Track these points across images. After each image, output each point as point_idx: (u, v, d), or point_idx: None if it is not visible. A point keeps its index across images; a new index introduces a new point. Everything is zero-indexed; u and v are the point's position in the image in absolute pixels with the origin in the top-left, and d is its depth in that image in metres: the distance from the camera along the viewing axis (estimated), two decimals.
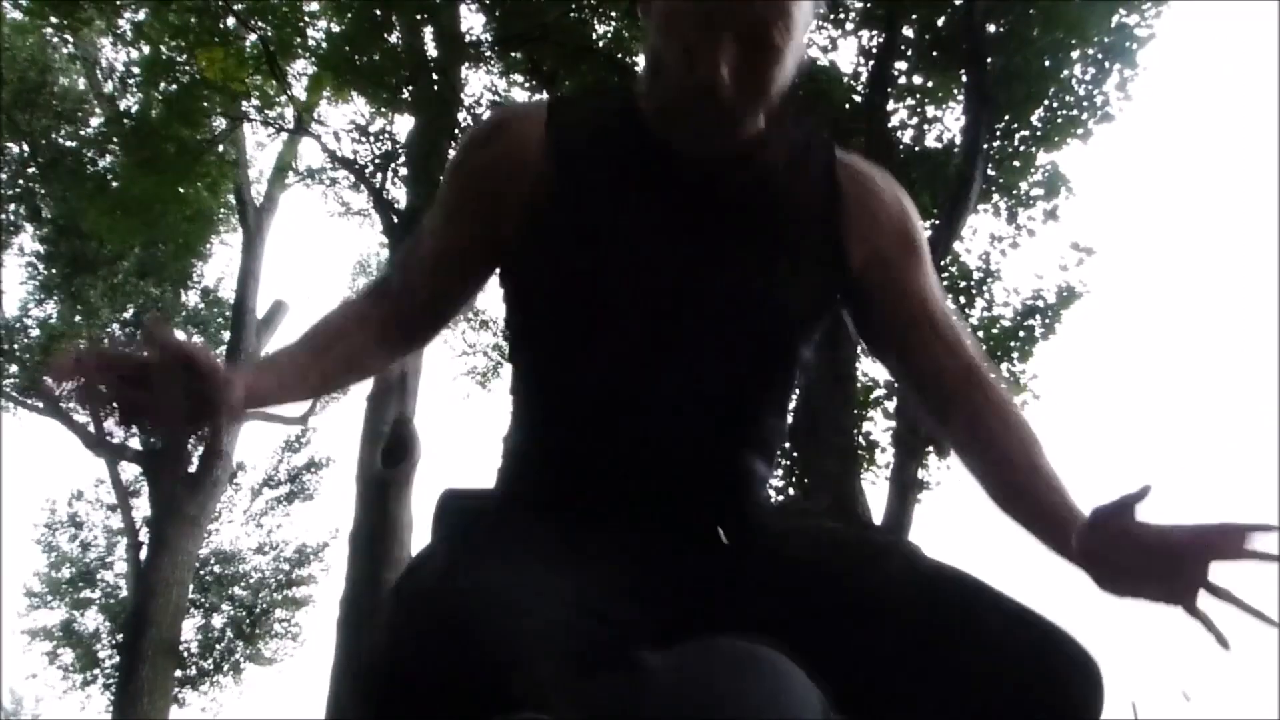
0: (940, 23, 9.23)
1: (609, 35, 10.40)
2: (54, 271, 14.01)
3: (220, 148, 12.10)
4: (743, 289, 1.14)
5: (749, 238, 1.16)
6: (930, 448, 8.46)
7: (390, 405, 11.47)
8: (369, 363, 1.26)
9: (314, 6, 10.90)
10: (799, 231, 1.19)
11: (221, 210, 14.38)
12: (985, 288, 9.21)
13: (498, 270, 1.25)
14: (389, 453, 11.20)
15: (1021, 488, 1.13)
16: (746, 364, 1.16)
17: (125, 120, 11.09)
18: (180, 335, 0.99)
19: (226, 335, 15.01)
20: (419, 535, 11.08)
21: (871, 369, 8.85)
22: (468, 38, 10.86)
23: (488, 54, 10.39)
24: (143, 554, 13.65)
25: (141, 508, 14.97)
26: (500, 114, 1.27)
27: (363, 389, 11.91)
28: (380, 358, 1.27)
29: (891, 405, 8.95)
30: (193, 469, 13.88)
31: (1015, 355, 8.90)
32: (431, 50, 10.63)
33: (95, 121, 12.78)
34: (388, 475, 11.05)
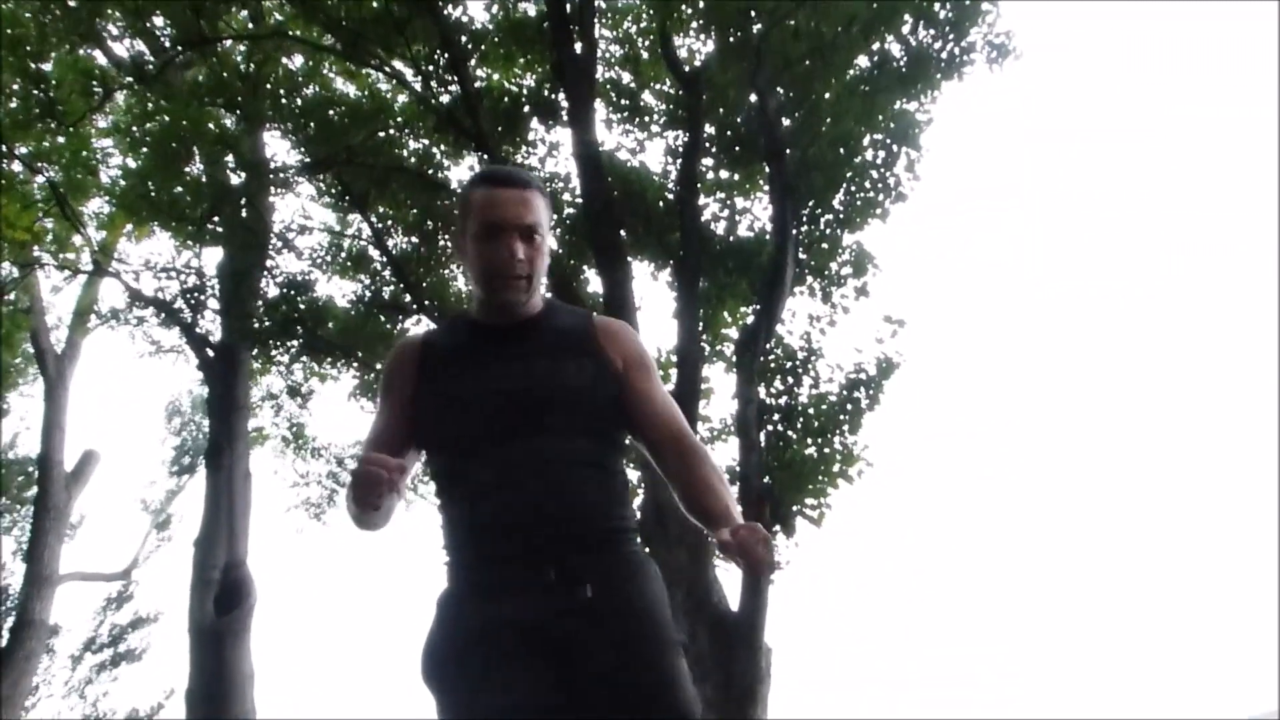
0: (739, 120, 9.67)
1: (419, 153, 10.42)
2: None
3: (11, 296, 11.39)
4: (547, 380, 1.92)
5: (544, 357, 1.96)
6: (777, 528, 8.58)
7: (219, 549, 10.85)
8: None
9: (107, 143, 10.53)
10: (575, 350, 1.99)
11: (18, 361, 13.48)
12: (810, 366, 9.51)
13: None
14: (222, 600, 10.56)
15: (701, 502, 1.93)
16: (572, 423, 1.91)
17: None
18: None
19: (32, 492, 13.92)
20: (262, 687, 10.42)
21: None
22: (273, 164, 10.68)
23: (295, 180, 10.22)
24: None
25: None
26: (399, 341, 2.21)
27: (189, 534, 11.26)
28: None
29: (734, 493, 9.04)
30: (1, 642, 12.72)
31: (845, 428, 9.16)
32: (236, 179, 10.39)
33: None
34: (222, 624, 10.40)
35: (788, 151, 9.04)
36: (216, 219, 9.72)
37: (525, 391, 1.90)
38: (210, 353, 11.25)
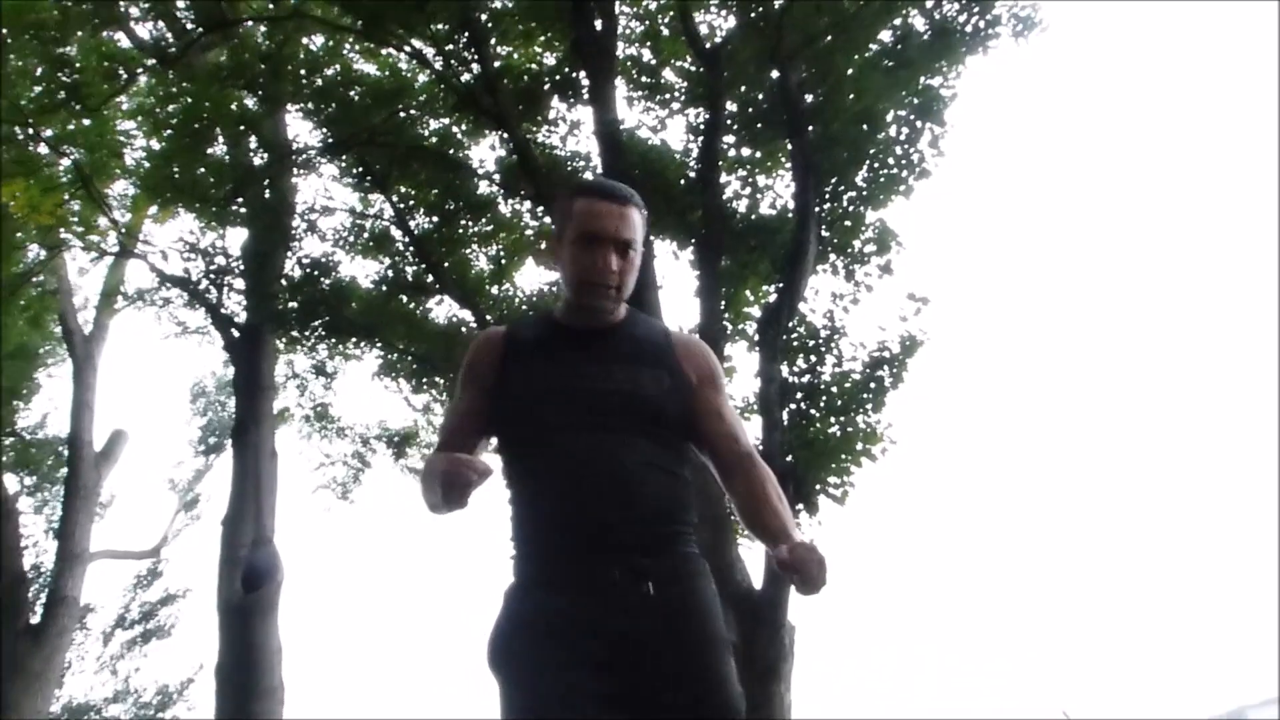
0: (760, 97, 9.59)
1: (439, 132, 10.41)
2: None
3: (39, 278, 11.50)
4: (624, 386, 2.01)
5: (623, 363, 2.05)
6: (799, 505, 8.58)
7: (247, 527, 10.95)
8: None
9: (130, 126, 10.58)
10: (653, 360, 2.09)
11: (47, 342, 13.63)
12: (833, 344, 9.44)
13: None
14: (249, 577, 10.66)
15: (762, 518, 2.05)
16: (644, 428, 1.99)
17: None
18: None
19: (63, 471, 14.09)
20: (290, 662, 10.54)
21: None
22: (294, 145, 10.70)
23: (316, 160, 10.24)
24: None
25: None
26: (484, 331, 2.26)
27: (217, 513, 11.38)
28: None
29: None
30: (35, 619, 12.91)
31: (869, 407, 9.10)
32: (258, 160, 10.42)
33: None
34: (250, 601, 10.51)
35: (810, 128, 8.96)
36: (240, 200, 9.76)
37: (602, 393, 2.00)
38: (235, 333, 11.32)
